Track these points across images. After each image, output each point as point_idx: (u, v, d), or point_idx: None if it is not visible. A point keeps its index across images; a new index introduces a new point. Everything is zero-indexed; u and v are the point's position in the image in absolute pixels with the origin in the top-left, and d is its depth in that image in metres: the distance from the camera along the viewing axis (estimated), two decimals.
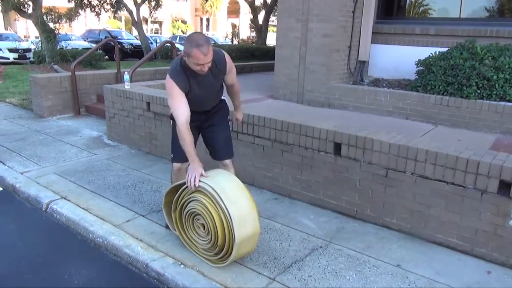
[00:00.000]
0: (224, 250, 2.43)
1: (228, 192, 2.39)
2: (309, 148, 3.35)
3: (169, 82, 2.50)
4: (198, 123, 2.79)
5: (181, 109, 2.49)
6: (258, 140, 3.67)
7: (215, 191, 2.36)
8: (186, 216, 2.57)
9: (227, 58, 2.68)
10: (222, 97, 2.89)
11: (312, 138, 3.31)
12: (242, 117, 3.20)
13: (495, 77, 4.56)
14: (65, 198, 3.44)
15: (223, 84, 2.82)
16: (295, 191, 3.51)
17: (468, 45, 4.96)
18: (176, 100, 2.50)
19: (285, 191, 3.60)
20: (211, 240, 2.46)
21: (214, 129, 2.85)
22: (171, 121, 2.77)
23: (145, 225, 3.02)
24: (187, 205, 2.54)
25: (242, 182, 2.54)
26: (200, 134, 2.91)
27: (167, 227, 2.93)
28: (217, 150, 2.88)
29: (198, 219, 2.50)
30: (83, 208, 3.27)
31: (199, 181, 2.43)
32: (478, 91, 4.64)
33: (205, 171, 2.49)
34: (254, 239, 2.48)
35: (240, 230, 2.32)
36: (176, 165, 2.85)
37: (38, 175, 3.91)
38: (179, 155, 2.76)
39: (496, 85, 4.57)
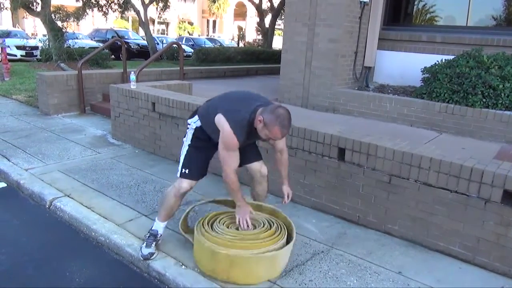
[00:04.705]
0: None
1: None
2: (313, 152, 3.36)
3: (229, 135, 2.31)
4: None
5: (233, 162, 2.41)
6: (261, 143, 3.67)
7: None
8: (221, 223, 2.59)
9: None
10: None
11: (316, 142, 3.31)
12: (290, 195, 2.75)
13: (501, 86, 4.55)
14: (68, 196, 3.46)
15: None
16: (297, 195, 3.51)
17: (475, 54, 4.95)
18: (232, 153, 2.38)
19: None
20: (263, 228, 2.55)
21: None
22: (187, 129, 2.63)
23: (147, 225, 3.02)
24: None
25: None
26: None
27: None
28: (245, 156, 2.63)
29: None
30: (86, 206, 3.29)
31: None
32: (484, 100, 4.63)
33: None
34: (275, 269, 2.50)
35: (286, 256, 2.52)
36: (190, 183, 2.59)
37: (43, 172, 3.94)
38: (197, 171, 2.58)
39: (502, 94, 4.56)
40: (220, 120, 2.34)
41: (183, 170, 2.59)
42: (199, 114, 2.59)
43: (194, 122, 2.60)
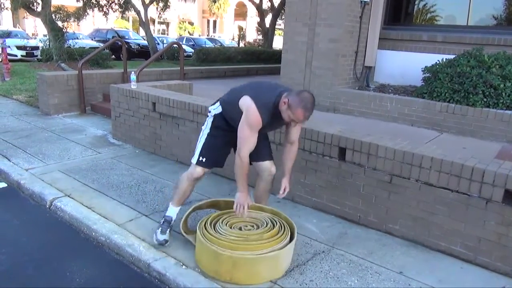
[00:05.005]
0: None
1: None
2: (313, 152, 3.35)
3: (254, 113, 2.38)
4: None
5: (252, 143, 2.46)
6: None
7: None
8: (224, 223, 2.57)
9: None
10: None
11: (317, 142, 3.31)
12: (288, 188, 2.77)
13: (502, 85, 4.55)
14: (69, 196, 3.46)
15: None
16: (298, 195, 3.51)
17: (476, 53, 4.95)
18: (253, 133, 2.43)
19: (288, 194, 3.53)
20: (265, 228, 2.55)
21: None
22: (207, 116, 2.71)
23: (148, 225, 3.03)
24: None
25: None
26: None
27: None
28: (258, 153, 2.65)
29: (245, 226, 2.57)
30: (86, 206, 3.29)
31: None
32: (485, 99, 4.62)
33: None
34: (277, 268, 2.48)
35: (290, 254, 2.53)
36: (203, 170, 2.68)
37: (43, 172, 3.93)
38: (213, 161, 2.67)
39: (503, 94, 4.56)
40: (246, 101, 2.41)
41: (200, 158, 2.67)
42: (220, 100, 2.67)
43: (214, 109, 2.67)
